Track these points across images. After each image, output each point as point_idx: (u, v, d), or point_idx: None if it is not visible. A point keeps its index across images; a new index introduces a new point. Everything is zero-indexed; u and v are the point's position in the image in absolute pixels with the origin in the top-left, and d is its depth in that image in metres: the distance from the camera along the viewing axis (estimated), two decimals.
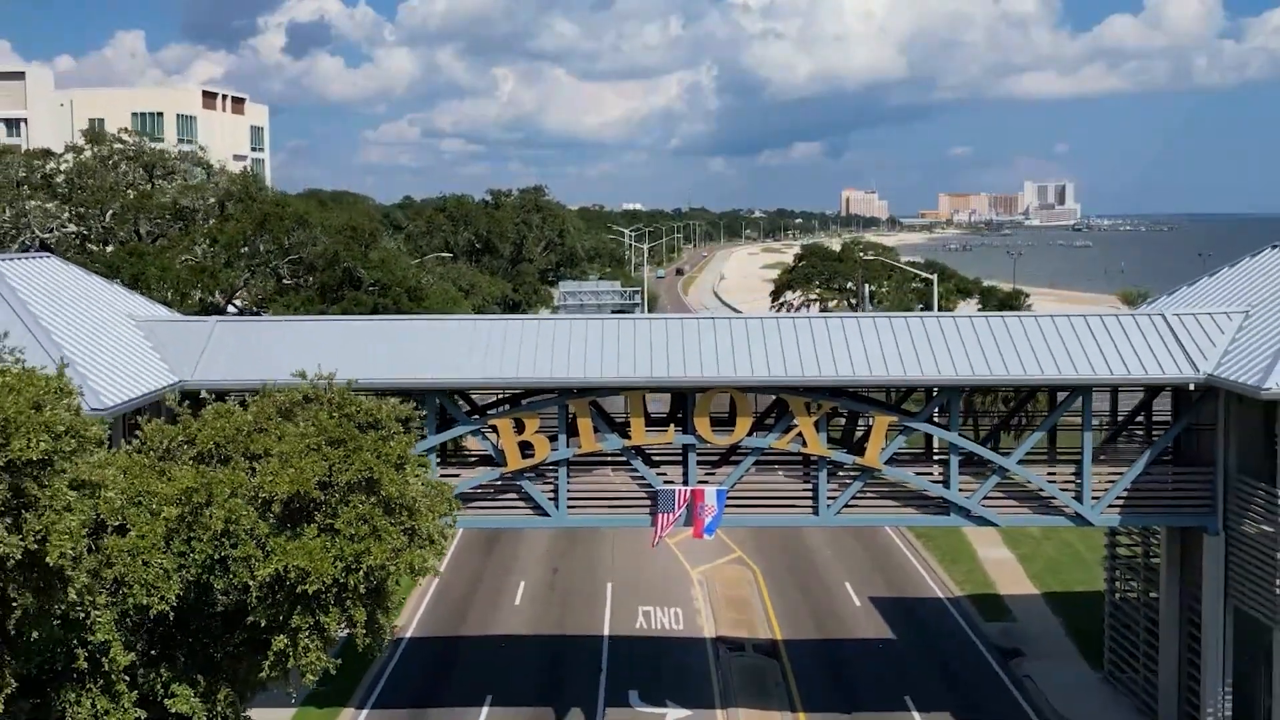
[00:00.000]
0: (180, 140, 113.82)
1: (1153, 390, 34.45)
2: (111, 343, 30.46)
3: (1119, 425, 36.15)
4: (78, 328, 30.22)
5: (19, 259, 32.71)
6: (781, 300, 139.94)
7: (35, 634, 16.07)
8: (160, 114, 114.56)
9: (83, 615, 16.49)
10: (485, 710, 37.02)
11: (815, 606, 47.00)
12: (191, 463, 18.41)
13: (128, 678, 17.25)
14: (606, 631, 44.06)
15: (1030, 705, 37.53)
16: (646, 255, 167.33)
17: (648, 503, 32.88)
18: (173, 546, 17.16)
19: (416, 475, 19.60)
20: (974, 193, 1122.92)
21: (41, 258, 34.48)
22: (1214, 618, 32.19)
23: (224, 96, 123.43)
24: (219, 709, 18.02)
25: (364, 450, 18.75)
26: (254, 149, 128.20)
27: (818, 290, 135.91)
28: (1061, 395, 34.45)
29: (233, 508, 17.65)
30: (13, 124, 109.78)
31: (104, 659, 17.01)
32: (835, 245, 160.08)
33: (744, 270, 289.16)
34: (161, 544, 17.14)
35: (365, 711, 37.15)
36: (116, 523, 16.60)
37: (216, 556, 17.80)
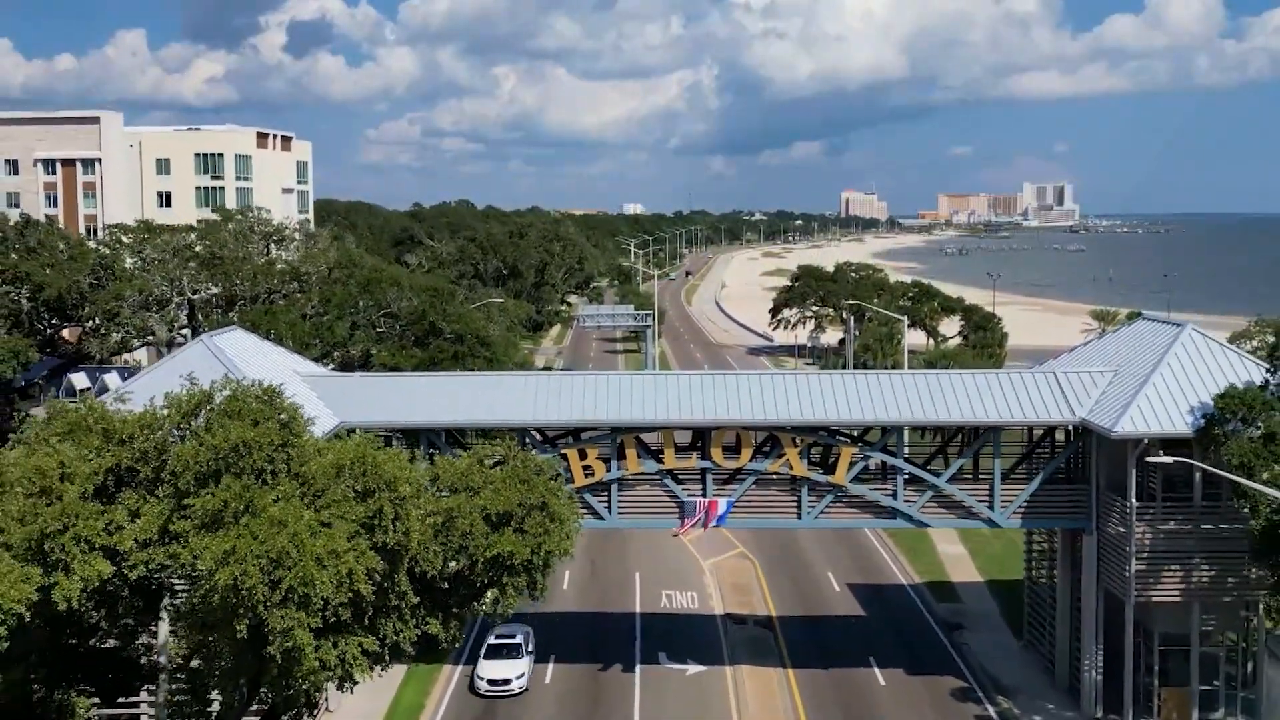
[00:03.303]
0: (238, 177, 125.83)
1: (1049, 428, 46.21)
2: (293, 393, 42.10)
3: (1026, 451, 47.94)
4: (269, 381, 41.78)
5: (220, 334, 44.47)
6: (780, 317, 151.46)
7: (385, 584, 28.17)
8: (220, 155, 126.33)
9: (394, 575, 28.50)
10: (550, 666, 48.66)
11: (803, 590, 58.65)
12: (436, 491, 30.86)
13: (408, 612, 29.44)
14: (638, 610, 55.67)
15: (965, 665, 49.12)
16: (656, 277, 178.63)
17: (676, 509, 44.77)
18: (438, 538, 29.37)
19: (567, 498, 32.12)
20: (973, 193, 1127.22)
21: (230, 331, 46.22)
22: (1089, 596, 43.92)
23: (274, 136, 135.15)
24: (451, 632, 30.65)
25: (539, 487, 31.10)
26: (299, 181, 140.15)
27: (814, 309, 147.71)
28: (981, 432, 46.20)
29: (474, 520, 29.72)
30: (88, 164, 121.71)
31: (401, 601, 28.98)
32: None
33: (745, 279, 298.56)
34: (432, 536, 29.22)
35: (460, 667, 48.83)
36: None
37: (462, 544, 29.76)
